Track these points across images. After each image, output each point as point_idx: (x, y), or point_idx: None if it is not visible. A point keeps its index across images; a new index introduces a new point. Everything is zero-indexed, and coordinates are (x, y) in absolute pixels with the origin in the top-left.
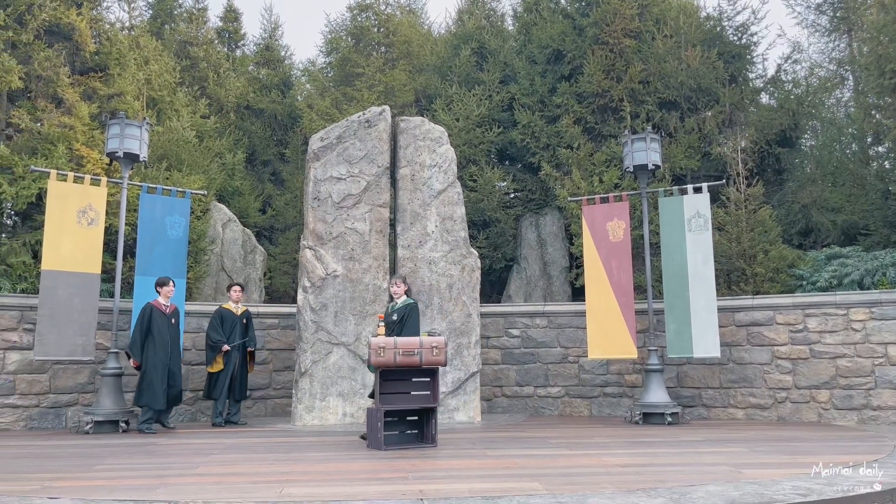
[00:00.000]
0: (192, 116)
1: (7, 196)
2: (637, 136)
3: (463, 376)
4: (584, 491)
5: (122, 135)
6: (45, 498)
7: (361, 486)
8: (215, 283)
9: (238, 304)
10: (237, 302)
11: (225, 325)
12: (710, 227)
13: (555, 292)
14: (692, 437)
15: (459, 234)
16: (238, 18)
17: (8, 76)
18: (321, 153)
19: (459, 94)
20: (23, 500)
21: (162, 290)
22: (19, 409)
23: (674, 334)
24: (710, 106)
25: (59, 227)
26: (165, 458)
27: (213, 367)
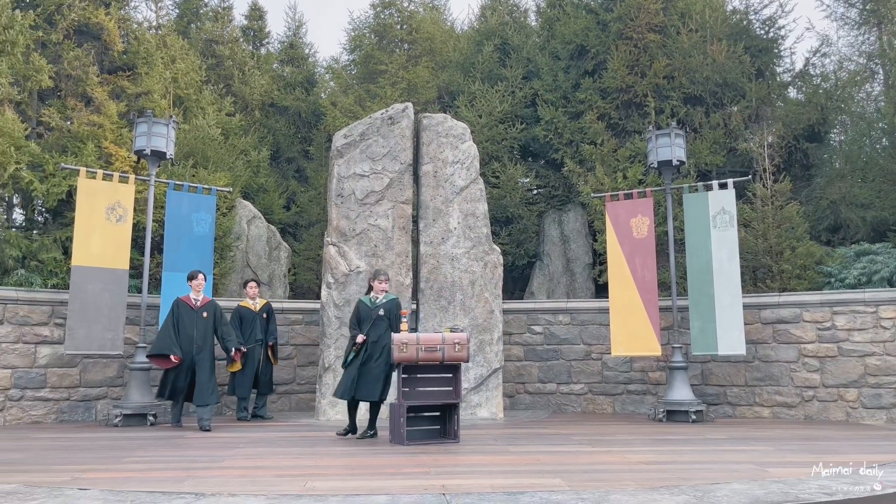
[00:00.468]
0: (217, 114)
1: (38, 193)
2: (661, 132)
3: (485, 373)
4: (606, 488)
5: (149, 133)
6: (76, 489)
7: (384, 480)
8: (241, 279)
9: (255, 300)
10: (254, 298)
11: (244, 324)
12: (735, 223)
13: (578, 289)
14: (717, 434)
15: (482, 230)
16: (262, 17)
17: (38, 75)
18: (345, 150)
19: (482, 91)
20: (54, 491)
21: (191, 284)
22: (50, 402)
23: (698, 331)
24: (737, 101)
25: (88, 223)
26: (192, 452)
27: (232, 366)
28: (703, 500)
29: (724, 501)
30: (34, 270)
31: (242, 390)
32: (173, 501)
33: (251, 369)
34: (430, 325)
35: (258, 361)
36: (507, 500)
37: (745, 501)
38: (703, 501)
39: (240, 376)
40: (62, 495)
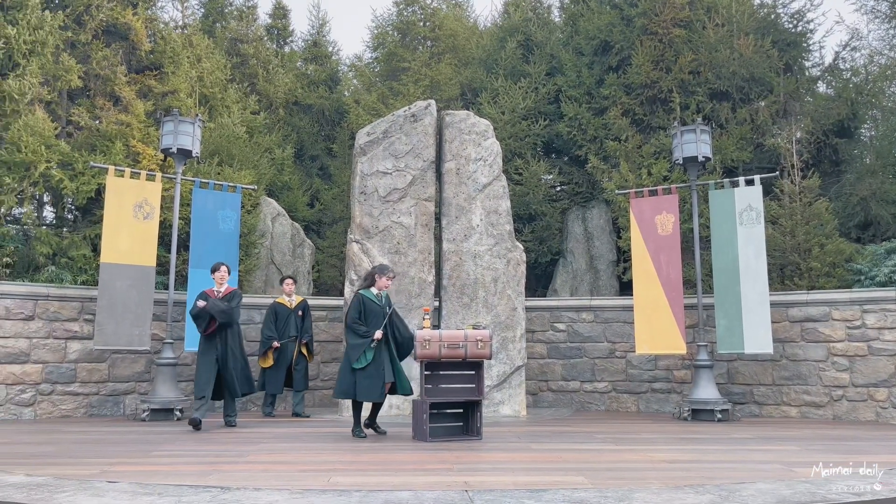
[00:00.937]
0: (242, 113)
1: (68, 191)
2: (687, 128)
3: (508, 370)
4: (630, 486)
5: (175, 131)
6: (105, 482)
7: (407, 476)
8: (265, 276)
9: (292, 297)
10: (290, 295)
11: (279, 320)
12: (762, 220)
13: (601, 286)
14: (743, 434)
15: (505, 227)
16: (286, 15)
17: (68, 75)
18: (367, 148)
19: (505, 88)
20: (83, 484)
21: (213, 276)
22: (80, 396)
23: (724, 330)
24: (764, 96)
25: (116, 221)
26: (217, 446)
27: (263, 361)
28: (728, 500)
29: (750, 501)
30: (64, 267)
31: (273, 386)
32: (199, 495)
33: (283, 366)
34: (453, 322)
35: (291, 358)
36: (529, 497)
37: (771, 501)
38: (729, 501)
39: (271, 372)
40: (91, 488)
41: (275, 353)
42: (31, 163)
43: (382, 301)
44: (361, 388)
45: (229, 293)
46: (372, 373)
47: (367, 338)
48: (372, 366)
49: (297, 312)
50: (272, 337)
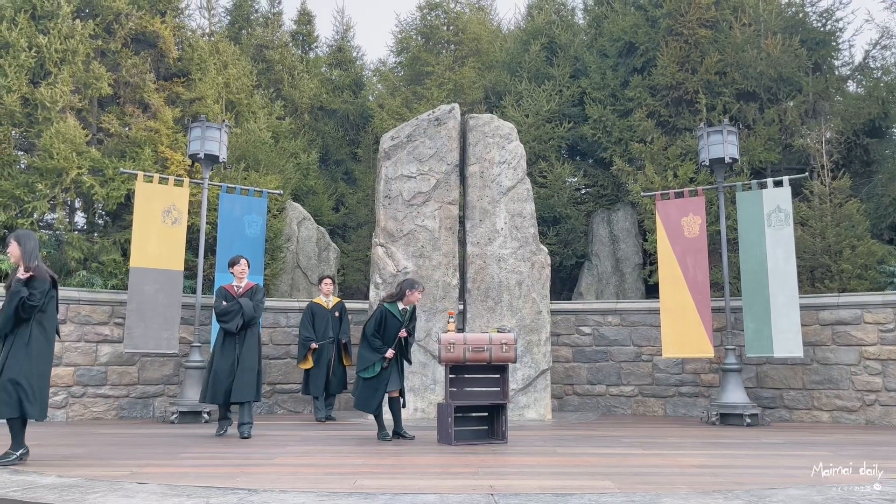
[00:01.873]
0: (268, 118)
1: (99, 197)
2: (713, 129)
3: (533, 374)
4: (657, 490)
5: (203, 137)
6: (135, 483)
7: (432, 479)
8: (291, 280)
9: (329, 298)
10: (328, 295)
11: (316, 321)
12: (791, 221)
13: (627, 289)
14: (772, 439)
15: (529, 230)
16: (311, 21)
17: (98, 83)
18: (392, 152)
19: (529, 90)
20: (113, 485)
21: (232, 271)
22: (110, 398)
23: (753, 333)
24: (792, 96)
25: (145, 226)
26: (245, 448)
27: (303, 363)
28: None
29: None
30: (95, 272)
31: (315, 388)
32: (227, 497)
33: (323, 366)
34: (478, 325)
35: (330, 360)
36: (555, 501)
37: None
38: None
39: (312, 374)
40: (121, 489)
41: (314, 355)
42: (62, 169)
43: (406, 316)
44: (361, 397)
45: (250, 288)
46: (374, 385)
47: (381, 353)
48: (377, 379)
49: (335, 313)
50: (310, 338)
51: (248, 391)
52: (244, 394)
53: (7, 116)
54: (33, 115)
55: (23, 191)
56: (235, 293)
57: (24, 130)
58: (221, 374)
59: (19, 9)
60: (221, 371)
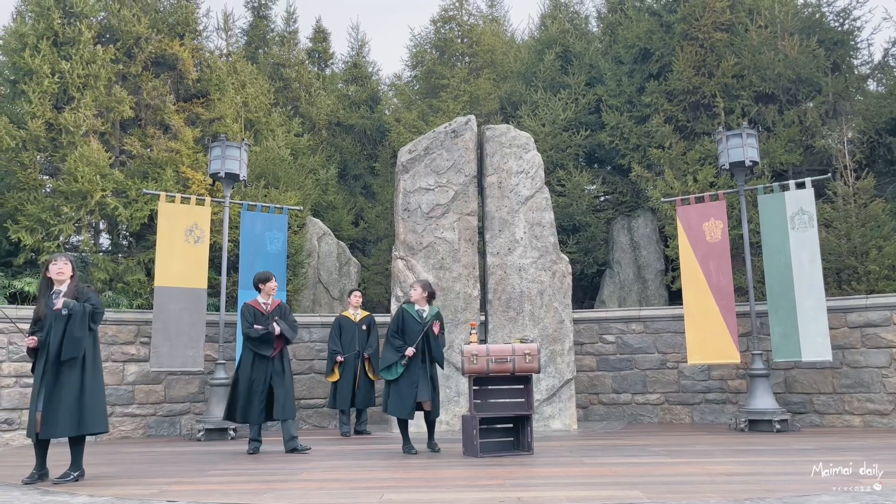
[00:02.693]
0: (286, 135)
1: (123, 218)
2: (732, 132)
3: (557, 383)
4: (687, 499)
5: (223, 156)
6: (164, 501)
7: (459, 492)
8: (313, 295)
9: (357, 311)
10: (356, 308)
11: (344, 334)
12: (815, 223)
13: (650, 296)
14: (804, 445)
15: (549, 239)
16: (327, 38)
17: (120, 106)
18: (409, 165)
19: (545, 99)
20: (143, 503)
21: (263, 287)
22: (138, 417)
23: (779, 337)
24: (812, 97)
25: (169, 245)
26: (271, 464)
27: (330, 377)
28: None
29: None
30: (121, 292)
31: (342, 402)
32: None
33: (349, 381)
34: (500, 336)
35: (356, 374)
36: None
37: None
38: None
39: (337, 390)
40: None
41: (340, 368)
42: (87, 192)
43: (425, 317)
44: (392, 403)
45: (277, 306)
46: (403, 389)
47: (400, 351)
48: (404, 381)
49: (362, 326)
50: (336, 351)
51: (291, 408)
52: (287, 411)
53: (32, 142)
54: (58, 140)
55: (49, 214)
56: (264, 311)
57: (49, 155)
58: (255, 393)
59: (41, 36)
60: (255, 390)
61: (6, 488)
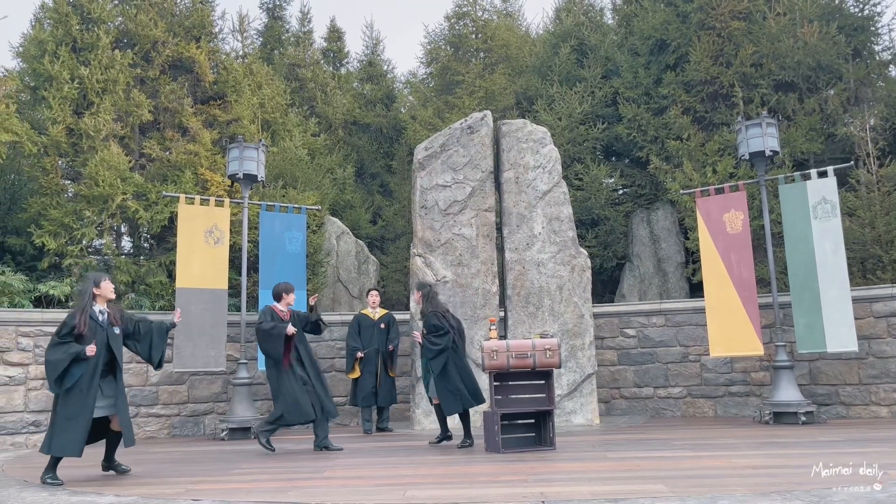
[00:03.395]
0: (303, 135)
1: (143, 221)
2: (751, 122)
3: (578, 378)
4: (712, 493)
5: (241, 157)
6: (190, 500)
7: (482, 488)
8: (332, 294)
9: (375, 309)
10: (374, 307)
11: (363, 332)
12: (838, 212)
13: (671, 289)
14: (830, 437)
15: (567, 234)
16: (341, 38)
17: (139, 110)
18: (426, 162)
19: (561, 93)
20: (169, 502)
21: (288, 298)
22: (162, 417)
23: (803, 328)
24: (833, 84)
25: (189, 247)
26: (294, 463)
27: (351, 373)
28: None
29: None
30: (143, 294)
31: (364, 399)
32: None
33: (369, 378)
34: (520, 331)
35: (377, 372)
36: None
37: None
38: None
39: (357, 388)
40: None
41: (361, 364)
42: (108, 196)
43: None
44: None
45: (292, 314)
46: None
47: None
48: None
49: (380, 325)
50: (357, 347)
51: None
52: (332, 409)
53: (54, 147)
54: (78, 145)
55: (71, 218)
56: (283, 317)
57: (71, 160)
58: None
59: (60, 42)
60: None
61: (35, 489)
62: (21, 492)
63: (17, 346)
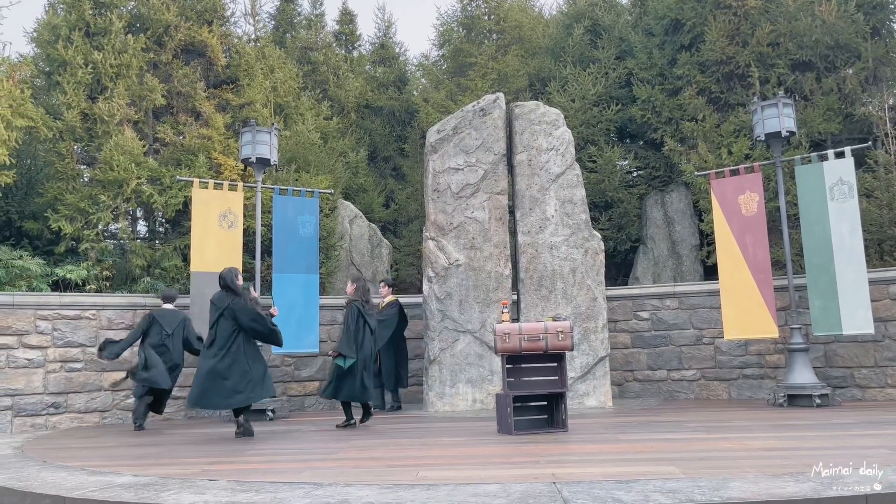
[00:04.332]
0: (315, 119)
1: (158, 205)
2: (767, 103)
3: (591, 361)
4: (724, 475)
5: (253, 141)
6: (206, 480)
7: (494, 469)
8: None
9: (384, 299)
10: (385, 297)
11: None
12: (855, 193)
13: (685, 272)
14: (845, 419)
15: (580, 216)
16: (353, 20)
17: (152, 95)
18: (438, 145)
19: (574, 75)
20: (186, 482)
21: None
22: (179, 400)
23: (819, 311)
24: (851, 63)
25: (203, 231)
26: (308, 444)
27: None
28: (831, 487)
29: (856, 488)
30: (158, 277)
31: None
32: (294, 491)
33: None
34: (532, 314)
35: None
36: (619, 488)
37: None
38: (833, 488)
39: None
40: (194, 486)
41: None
42: (123, 180)
43: None
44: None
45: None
46: None
47: None
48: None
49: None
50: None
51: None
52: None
53: (69, 132)
54: (93, 130)
55: (87, 203)
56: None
57: (86, 144)
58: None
59: (74, 27)
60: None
61: (54, 469)
62: (40, 472)
63: (36, 329)
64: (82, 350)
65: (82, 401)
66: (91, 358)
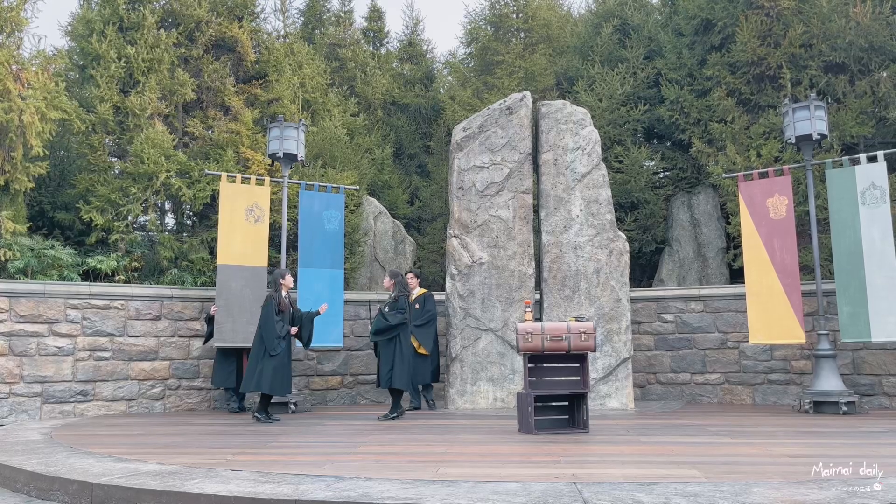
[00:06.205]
0: (342, 115)
1: (186, 198)
2: (799, 105)
3: (614, 362)
4: (747, 480)
5: (281, 137)
6: (229, 470)
7: (514, 468)
8: (369, 273)
9: (414, 290)
10: (413, 288)
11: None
12: (887, 198)
13: (710, 275)
14: (871, 427)
15: (605, 217)
16: (381, 17)
17: (183, 89)
18: (464, 143)
19: (602, 74)
20: (210, 472)
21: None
22: (203, 391)
23: (847, 317)
24: (885, 66)
25: (230, 224)
26: (330, 438)
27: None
28: (856, 496)
29: (881, 497)
30: (185, 270)
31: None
32: (315, 483)
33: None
34: (555, 314)
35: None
36: (640, 490)
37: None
38: (857, 497)
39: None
40: (217, 476)
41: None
42: (153, 173)
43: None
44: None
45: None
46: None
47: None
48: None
49: (416, 305)
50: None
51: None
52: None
53: (101, 125)
54: (124, 123)
55: (118, 195)
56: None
57: (117, 138)
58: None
59: (108, 21)
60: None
61: (81, 455)
62: (68, 457)
63: (66, 317)
64: (111, 339)
65: (109, 389)
66: (119, 347)
